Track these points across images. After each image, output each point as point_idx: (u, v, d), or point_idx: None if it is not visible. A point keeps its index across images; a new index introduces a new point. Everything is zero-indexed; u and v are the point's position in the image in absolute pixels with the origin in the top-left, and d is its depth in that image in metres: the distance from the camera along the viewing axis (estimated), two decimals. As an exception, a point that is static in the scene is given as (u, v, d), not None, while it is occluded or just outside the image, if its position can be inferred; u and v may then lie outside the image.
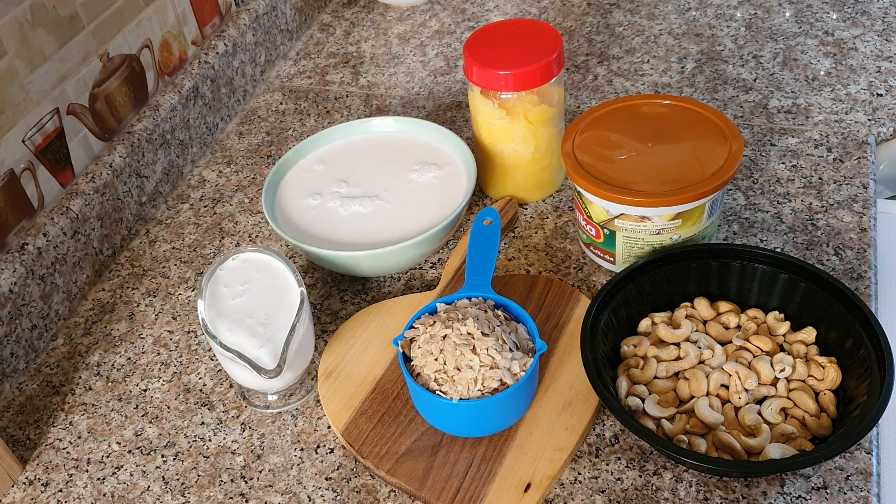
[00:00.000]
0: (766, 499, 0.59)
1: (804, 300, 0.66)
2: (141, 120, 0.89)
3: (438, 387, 0.62)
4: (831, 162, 0.83)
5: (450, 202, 0.78)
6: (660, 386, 0.64)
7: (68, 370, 0.75)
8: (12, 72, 0.74)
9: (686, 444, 0.60)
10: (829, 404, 0.61)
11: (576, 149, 0.73)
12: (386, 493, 0.63)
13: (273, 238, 0.85)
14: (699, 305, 0.68)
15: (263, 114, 1.03)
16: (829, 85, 0.93)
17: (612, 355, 0.67)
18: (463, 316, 0.64)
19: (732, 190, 0.82)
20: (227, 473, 0.66)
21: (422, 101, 1.00)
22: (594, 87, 0.98)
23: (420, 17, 1.15)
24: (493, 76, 0.75)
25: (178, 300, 0.81)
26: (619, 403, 0.60)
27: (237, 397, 0.71)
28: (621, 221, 0.70)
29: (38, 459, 0.69)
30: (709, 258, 0.69)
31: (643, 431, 0.57)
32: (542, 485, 0.60)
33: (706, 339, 0.66)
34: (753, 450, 0.59)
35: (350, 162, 0.85)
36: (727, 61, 0.98)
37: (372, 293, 0.78)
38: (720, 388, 0.63)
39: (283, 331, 0.64)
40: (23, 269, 0.74)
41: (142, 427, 0.70)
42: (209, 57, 0.97)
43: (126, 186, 0.86)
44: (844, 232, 0.76)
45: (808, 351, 0.65)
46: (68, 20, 0.79)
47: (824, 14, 1.04)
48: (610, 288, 0.66)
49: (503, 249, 0.80)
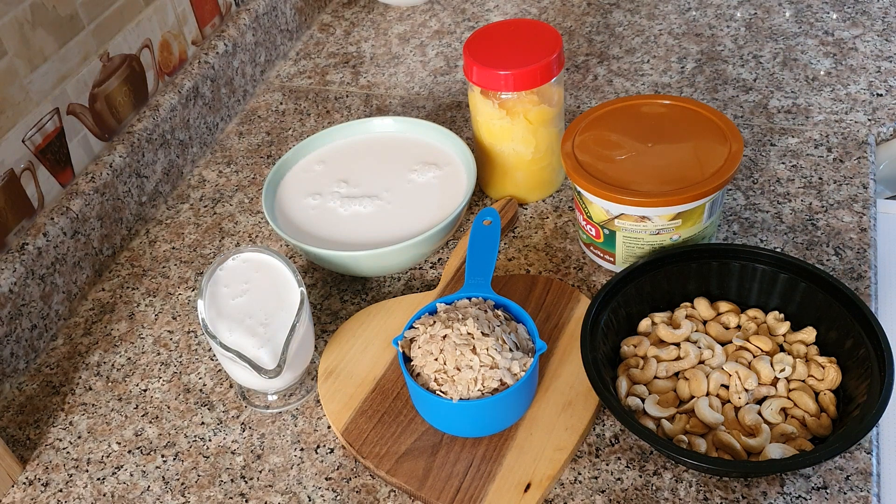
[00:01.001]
0: (766, 499, 0.59)
1: (804, 300, 0.66)
2: (141, 120, 0.89)
3: (438, 387, 0.62)
4: (831, 162, 0.83)
5: (450, 202, 0.78)
6: (660, 386, 0.64)
7: (68, 370, 0.75)
8: (12, 72, 0.74)
9: (686, 444, 0.60)
10: (829, 404, 0.61)
11: (576, 149, 0.73)
12: (386, 493, 0.63)
13: (273, 238, 0.85)
14: (699, 305, 0.68)
15: (263, 114, 1.03)
16: (829, 85, 0.93)
17: (612, 355, 0.67)
18: (463, 316, 0.64)
19: (732, 190, 0.82)
20: (227, 473, 0.66)
21: (422, 101, 1.00)
22: (594, 87, 0.98)
23: (420, 17, 1.15)
24: (493, 76, 0.75)
25: (178, 300, 0.81)
26: (619, 403, 0.60)
27: (237, 397, 0.71)
28: (621, 221, 0.70)
29: (38, 459, 0.69)
30: (709, 258, 0.69)
31: (643, 431, 0.57)
32: (542, 485, 0.60)
33: (706, 339, 0.66)
34: (753, 450, 0.59)
35: (350, 162, 0.85)
36: (727, 61, 0.98)
37: (372, 293, 0.78)
38: (720, 388, 0.63)
39: (283, 331, 0.64)
40: (23, 269, 0.74)
41: (142, 427, 0.70)
42: (209, 57, 0.97)
43: (126, 186, 0.86)
44: (844, 232, 0.76)
45: (808, 351, 0.65)
46: (68, 20, 0.79)
47: (824, 14, 1.04)
48: (610, 288, 0.66)
49: (503, 249, 0.80)
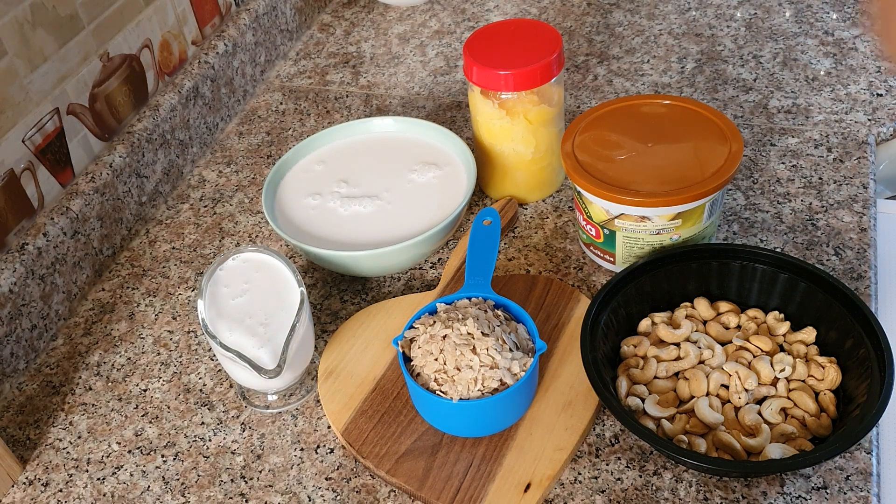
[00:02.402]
0: (766, 499, 0.59)
1: (804, 300, 0.66)
2: (141, 120, 0.89)
3: (438, 387, 0.62)
4: (831, 162, 0.83)
5: (450, 202, 0.78)
6: (660, 386, 0.64)
7: (68, 370, 0.75)
8: (12, 72, 0.74)
9: (686, 444, 0.60)
10: (829, 404, 0.61)
11: (576, 149, 0.73)
12: (386, 493, 0.63)
13: (273, 238, 0.85)
14: (699, 305, 0.68)
15: (263, 114, 1.03)
16: (829, 85, 0.93)
17: (612, 355, 0.67)
18: (463, 316, 0.64)
19: (732, 190, 0.82)
20: (227, 473, 0.66)
21: (422, 101, 1.00)
22: (594, 87, 0.98)
23: (420, 17, 1.15)
24: (493, 76, 0.75)
25: (178, 300, 0.81)
26: (620, 403, 0.60)
27: (237, 397, 0.71)
28: (621, 221, 0.70)
29: (38, 459, 0.69)
30: (709, 258, 0.69)
31: (643, 431, 0.57)
32: (542, 485, 0.60)
33: (706, 339, 0.66)
34: (753, 450, 0.59)
35: (350, 162, 0.85)
36: (727, 61, 0.98)
37: (372, 293, 0.78)
38: (720, 388, 0.63)
39: (283, 331, 0.64)
40: (23, 269, 0.74)
41: (142, 427, 0.70)
42: (209, 57, 0.97)
43: (126, 186, 0.86)
44: (844, 232, 0.76)
45: (808, 351, 0.65)
46: (68, 20, 0.79)
47: (824, 14, 1.04)
48: (610, 288, 0.66)
49: (503, 249, 0.80)
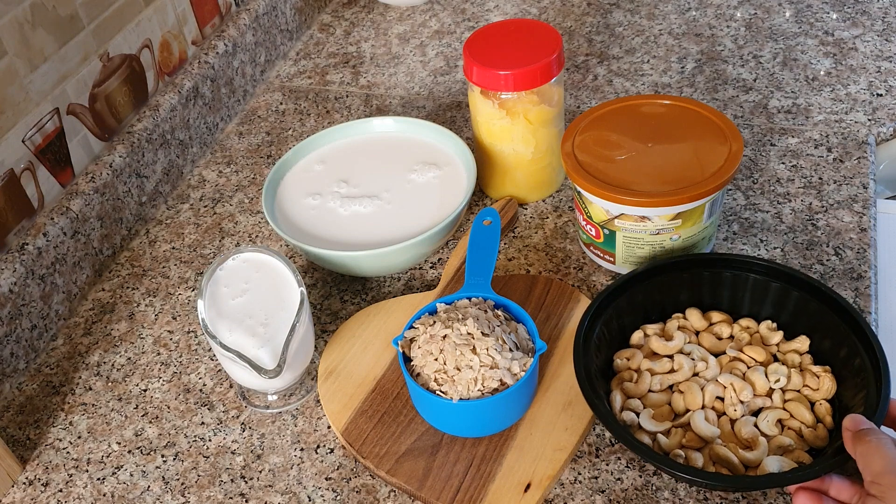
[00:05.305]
0: (765, 499, 0.59)
1: (797, 309, 0.65)
2: (141, 120, 0.89)
3: (438, 387, 0.62)
4: (831, 162, 0.83)
5: (450, 202, 0.78)
6: (654, 399, 0.63)
7: (68, 370, 0.75)
8: (12, 72, 0.74)
9: (683, 458, 0.59)
10: (825, 414, 0.60)
11: (576, 149, 0.73)
12: (386, 493, 0.63)
13: (273, 238, 0.85)
14: (691, 316, 0.67)
15: (263, 114, 1.03)
16: (829, 85, 0.93)
17: (606, 368, 0.66)
18: (463, 316, 0.64)
19: (732, 190, 0.82)
20: (227, 473, 0.66)
21: (422, 101, 1.00)
22: (594, 87, 0.98)
23: (420, 17, 1.15)
24: (493, 76, 0.75)
25: (178, 300, 0.81)
26: (615, 419, 0.59)
27: (237, 397, 0.71)
28: (621, 221, 0.70)
29: (38, 459, 0.69)
30: (700, 268, 0.68)
31: (640, 448, 0.56)
32: (542, 485, 0.60)
33: (699, 350, 0.65)
34: (751, 463, 0.58)
35: (350, 162, 0.85)
36: (727, 61, 0.98)
37: (372, 293, 0.78)
38: (715, 401, 0.62)
39: (283, 331, 0.64)
40: (23, 269, 0.74)
41: (142, 427, 0.70)
42: (209, 57, 0.97)
43: (126, 186, 0.86)
44: (844, 232, 0.76)
45: (803, 360, 0.64)
46: (68, 20, 0.79)
47: (824, 14, 1.04)
48: (602, 299, 0.65)
49: (503, 249, 0.80)
